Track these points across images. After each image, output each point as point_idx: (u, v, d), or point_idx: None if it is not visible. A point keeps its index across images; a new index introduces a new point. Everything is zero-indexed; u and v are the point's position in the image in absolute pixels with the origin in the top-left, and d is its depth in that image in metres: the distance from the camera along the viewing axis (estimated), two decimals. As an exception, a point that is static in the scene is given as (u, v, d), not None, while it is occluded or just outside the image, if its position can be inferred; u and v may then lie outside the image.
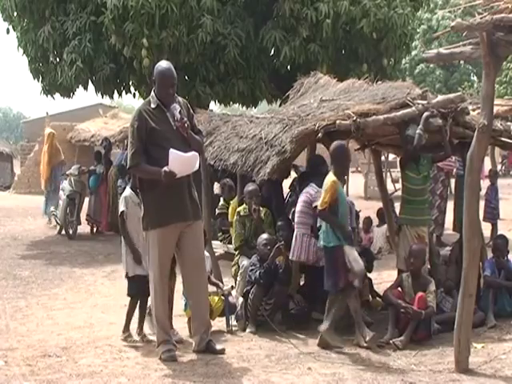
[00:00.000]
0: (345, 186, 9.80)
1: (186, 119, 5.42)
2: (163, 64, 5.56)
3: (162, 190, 5.34)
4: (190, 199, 5.48)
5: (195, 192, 5.63)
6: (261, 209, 7.12)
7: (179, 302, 6.27)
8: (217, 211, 8.93)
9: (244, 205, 7.20)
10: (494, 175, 12.46)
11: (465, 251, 5.16)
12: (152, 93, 5.55)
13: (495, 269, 6.86)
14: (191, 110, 5.74)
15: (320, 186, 6.70)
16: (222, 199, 9.09)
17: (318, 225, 6.23)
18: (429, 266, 6.81)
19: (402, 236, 6.67)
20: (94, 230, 14.03)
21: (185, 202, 5.42)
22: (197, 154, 5.38)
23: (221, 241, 8.30)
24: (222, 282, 7.49)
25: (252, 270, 6.45)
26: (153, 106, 5.48)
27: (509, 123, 7.63)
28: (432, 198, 10.41)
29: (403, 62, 23.86)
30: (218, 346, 5.61)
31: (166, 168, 5.17)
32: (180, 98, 5.62)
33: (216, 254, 7.75)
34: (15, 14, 13.37)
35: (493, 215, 11.83)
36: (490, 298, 6.61)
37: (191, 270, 5.57)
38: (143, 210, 5.55)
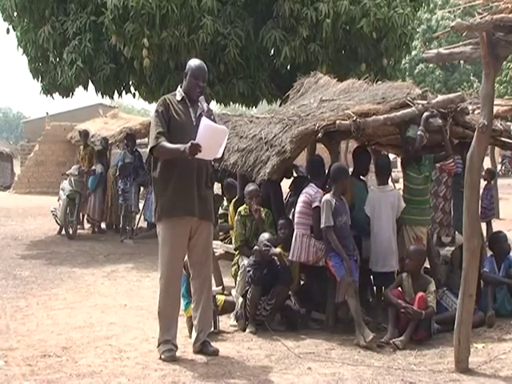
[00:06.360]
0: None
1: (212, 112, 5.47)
2: (197, 59, 5.69)
3: (172, 183, 5.35)
4: (199, 197, 5.43)
5: (208, 193, 5.57)
6: (262, 209, 7.11)
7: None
8: (220, 210, 8.76)
9: (245, 205, 7.19)
10: (486, 174, 12.39)
11: (465, 251, 5.15)
12: (179, 87, 5.58)
13: (495, 266, 6.85)
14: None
15: (319, 186, 6.70)
16: (225, 199, 8.90)
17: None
18: (428, 266, 6.83)
19: (399, 236, 6.67)
20: (96, 229, 14.03)
21: (191, 198, 5.39)
22: (227, 129, 5.34)
23: (221, 240, 8.28)
24: (222, 282, 7.50)
25: (249, 270, 6.44)
26: (178, 98, 5.51)
27: (509, 123, 7.64)
28: (435, 201, 10.38)
29: (403, 62, 23.85)
30: (212, 348, 5.56)
31: (192, 141, 5.08)
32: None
33: (216, 254, 7.74)
34: (15, 14, 13.37)
35: (485, 215, 11.78)
36: (489, 294, 6.59)
37: (198, 270, 5.58)
38: (154, 204, 5.59)
